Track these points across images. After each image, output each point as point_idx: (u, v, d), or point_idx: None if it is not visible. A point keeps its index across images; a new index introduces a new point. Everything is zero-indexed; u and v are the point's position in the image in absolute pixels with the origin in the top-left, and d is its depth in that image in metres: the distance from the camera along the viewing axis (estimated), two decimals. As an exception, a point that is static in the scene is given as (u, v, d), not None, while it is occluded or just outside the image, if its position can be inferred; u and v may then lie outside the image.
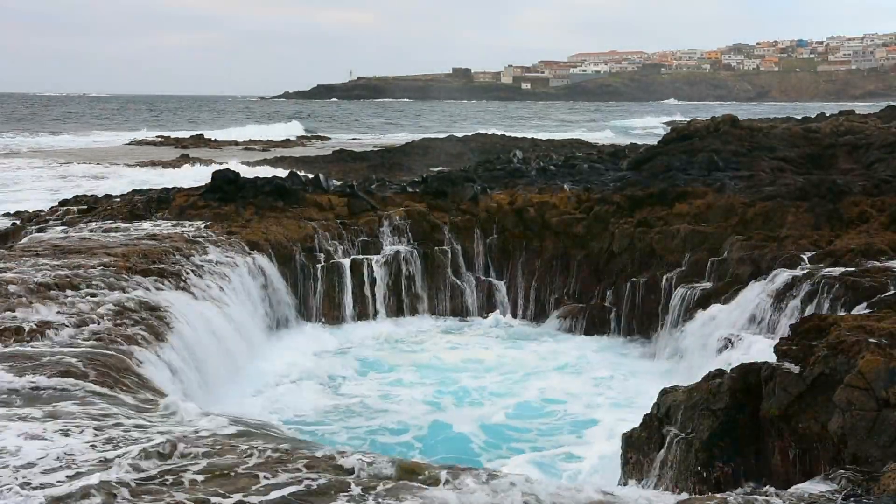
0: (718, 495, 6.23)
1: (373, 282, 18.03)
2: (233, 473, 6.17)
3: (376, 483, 6.05)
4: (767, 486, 6.64)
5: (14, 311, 10.69)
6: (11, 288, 11.59)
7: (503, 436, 12.30)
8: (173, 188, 22.07)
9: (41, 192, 32.08)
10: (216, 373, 12.62)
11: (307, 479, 6.08)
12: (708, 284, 15.62)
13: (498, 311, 18.89)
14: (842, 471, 6.61)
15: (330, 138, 74.12)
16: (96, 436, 6.91)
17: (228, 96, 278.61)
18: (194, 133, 72.08)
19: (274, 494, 5.81)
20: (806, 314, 11.84)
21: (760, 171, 20.85)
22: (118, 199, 21.18)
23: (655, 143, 28.69)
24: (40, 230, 17.79)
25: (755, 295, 13.71)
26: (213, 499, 5.72)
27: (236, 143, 65.35)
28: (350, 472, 6.24)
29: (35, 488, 5.86)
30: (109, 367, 9.35)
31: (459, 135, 52.16)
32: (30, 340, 9.84)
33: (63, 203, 21.98)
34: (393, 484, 6.06)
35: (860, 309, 11.25)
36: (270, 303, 16.37)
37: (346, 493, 5.85)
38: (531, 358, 15.90)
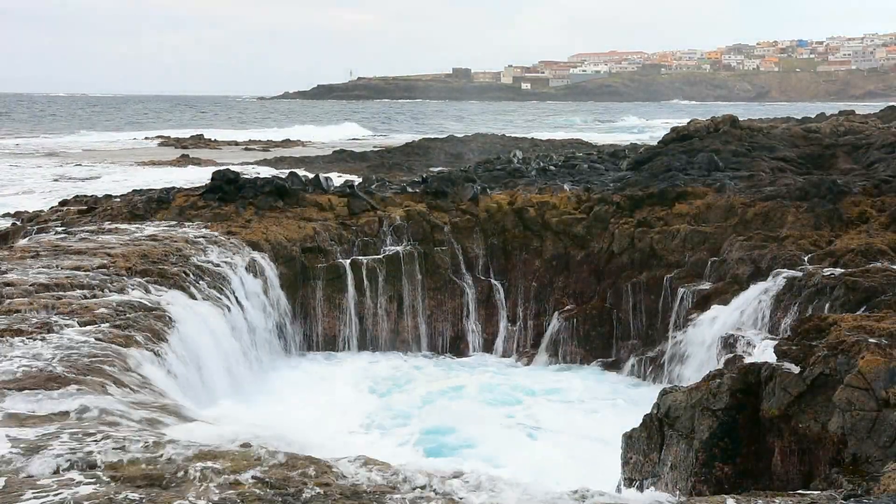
0: (719, 497, 6.22)
1: (374, 283, 18.03)
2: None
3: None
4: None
5: (14, 312, 10.68)
6: (11, 289, 11.59)
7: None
8: (173, 188, 22.05)
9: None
10: (216, 374, 12.61)
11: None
12: (708, 285, 15.62)
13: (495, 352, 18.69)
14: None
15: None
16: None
17: (227, 97, 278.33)
18: (194, 133, 72.19)
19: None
20: (806, 314, 11.84)
21: (760, 171, 20.85)
22: (118, 200, 21.16)
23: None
24: (40, 230, 17.78)
25: (755, 295, 13.71)
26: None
27: (236, 143, 65.39)
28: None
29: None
30: (109, 367, 9.35)
31: (460, 135, 52.25)
32: (30, 341, 9.82)
33: (63, 203, 21.97)
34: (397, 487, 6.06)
35: (860, 309, 11.25)
36: (270, 304, 16.37)
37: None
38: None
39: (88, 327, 10.61)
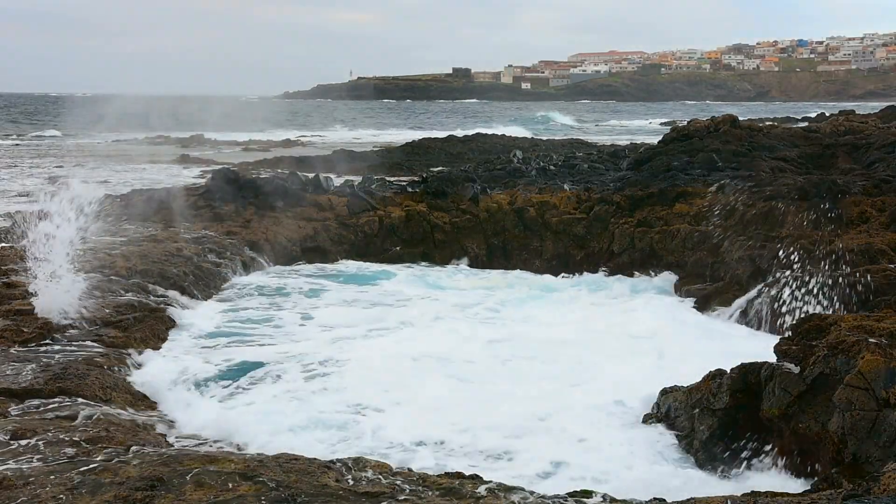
0: (719, 496, 6.22)
1: (373, 282, 18.02)
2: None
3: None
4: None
5: (14, 313, 10.68)
6: (11, 289, 11.59)
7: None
8: (173, 188, 22.07)
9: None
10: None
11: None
12: (708, 285, 15.61)
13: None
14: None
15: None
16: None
17: (225, 96, 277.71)
18: (194, 133, 72.09)
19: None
20: (806, 314, 11.83)
21: (760, 171, 20.84)
22: (118, 199, 21.16)
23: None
24: (40, 231, 17.74)
25: (755, 295, 13.71)
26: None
27: (236, 143, 65.36)
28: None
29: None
30: (109, 369, 9.34)
31: (460, 134, 52.23)
32: (30, 342, 9.82)
33: (63, 203, 21.93)
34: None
35: (860, 309, 11.25)
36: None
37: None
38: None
39: (88, 328, 10.60)
